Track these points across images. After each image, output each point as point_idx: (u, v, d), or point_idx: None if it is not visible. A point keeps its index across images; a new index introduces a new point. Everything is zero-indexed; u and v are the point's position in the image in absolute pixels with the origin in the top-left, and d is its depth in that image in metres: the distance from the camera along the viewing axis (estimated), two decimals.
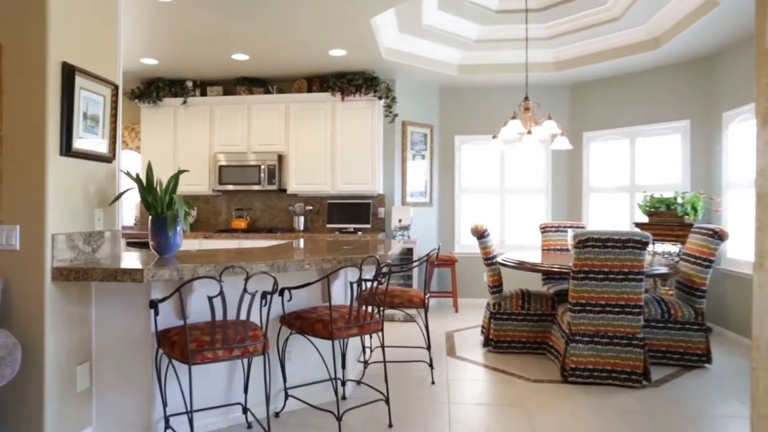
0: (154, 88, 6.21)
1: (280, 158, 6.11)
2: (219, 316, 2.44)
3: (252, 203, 6.55)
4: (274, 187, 6.03)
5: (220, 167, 6.14)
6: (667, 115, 5.73)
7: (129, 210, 6.91)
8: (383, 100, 5.98)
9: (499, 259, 4.53)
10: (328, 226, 6.15)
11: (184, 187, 6.29)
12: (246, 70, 6.00)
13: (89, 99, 2.64)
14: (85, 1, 2.63)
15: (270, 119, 6.15)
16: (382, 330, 2.99)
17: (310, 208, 6.36)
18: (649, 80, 5.88)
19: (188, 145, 6.30)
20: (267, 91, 6.25)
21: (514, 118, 4.49)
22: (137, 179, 2.83)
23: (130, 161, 6.97)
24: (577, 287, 3.69)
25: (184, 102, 6.22)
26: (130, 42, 5.01)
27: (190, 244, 5.90)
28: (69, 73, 2.47)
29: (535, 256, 4.67)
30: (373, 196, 6.29)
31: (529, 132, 4.41)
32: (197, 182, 6.29)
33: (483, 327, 4.74)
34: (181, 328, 2.47)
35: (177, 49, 5.19)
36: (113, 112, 2.84)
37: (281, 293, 2.85)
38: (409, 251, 5.88)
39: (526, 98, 4.56)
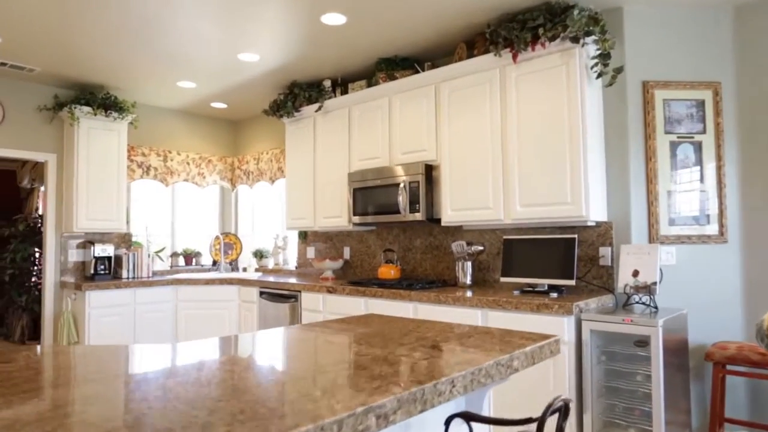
0: (290, 97, 4.86)
1: (429, 170, 3.89)
2: None
3: (410, 242, 4.45)
4: (418, 216, 3.84)
5: (354, 190, 4.30)
6: None
7: (294, 253, 5.71)
8: (585, 43, 3.16)
9: None
10: (503, 280, 3.55)
11: (324, 221, 4.68)
12: (384, 49, 4.05)
13: None
14: None
15: (415, 113, 4.02)
16: None
17: (480, 248, 3.87)
18: None
19: (326, 163, 4.69)
20: (416, 72, 4.17)
21: None
22: None
23: (277, 189, 5.84)
24: None
25: (320, 108, 4.66)
26: (218, 34, 3.72)
27: (312, 301, 4.20)
28: None
29: None
30: (582, 225, 3.43)
31: None
32: (336, 213, 4.58)
33: None
34: None
35: (272, 41, 3.66)
36: None
37: None
38: (645, 343, 2.79)
39: None
